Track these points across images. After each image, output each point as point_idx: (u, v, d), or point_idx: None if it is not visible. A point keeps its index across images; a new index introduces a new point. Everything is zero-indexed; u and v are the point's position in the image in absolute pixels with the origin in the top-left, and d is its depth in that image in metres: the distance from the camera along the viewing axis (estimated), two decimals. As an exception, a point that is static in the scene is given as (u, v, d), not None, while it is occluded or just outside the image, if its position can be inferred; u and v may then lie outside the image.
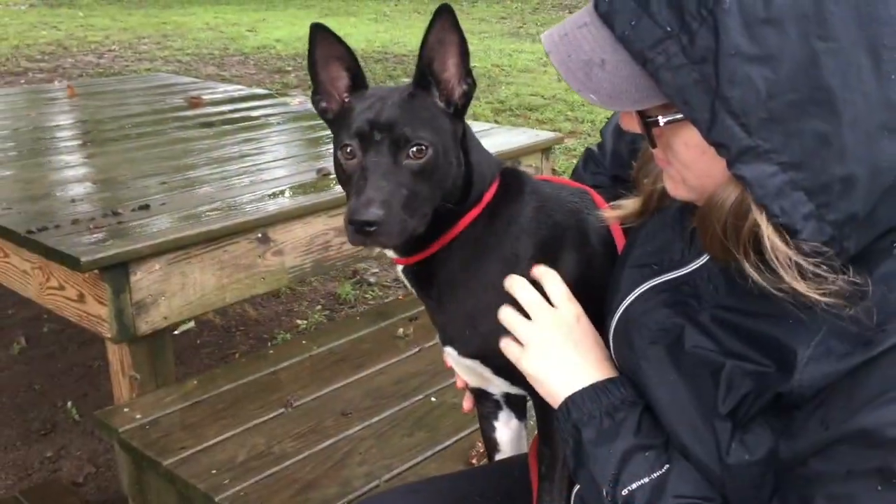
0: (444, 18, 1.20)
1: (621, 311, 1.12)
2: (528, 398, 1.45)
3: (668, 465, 1.01)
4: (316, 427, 2.08)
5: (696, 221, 0.95)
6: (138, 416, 2.12)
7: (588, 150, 1.58)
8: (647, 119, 0.91)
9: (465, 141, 1.30)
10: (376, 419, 2.11)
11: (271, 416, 2.14)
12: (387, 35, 12.50)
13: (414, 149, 1.21)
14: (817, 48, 0.76)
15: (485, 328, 1.32)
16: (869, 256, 0.86)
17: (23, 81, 9.26)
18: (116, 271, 2.07)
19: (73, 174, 2.94)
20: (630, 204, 1.20)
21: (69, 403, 3.12)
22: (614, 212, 1.24)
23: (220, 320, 3.84)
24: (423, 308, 1.43)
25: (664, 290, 1.05)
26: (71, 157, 3.22)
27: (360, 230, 1.16)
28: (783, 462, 0.90)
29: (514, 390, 1.36)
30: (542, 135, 3.57)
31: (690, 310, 1.00)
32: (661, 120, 0.89)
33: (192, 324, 3.65)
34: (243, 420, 2.11)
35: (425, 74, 1.25)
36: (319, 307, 4.00)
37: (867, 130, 0.78)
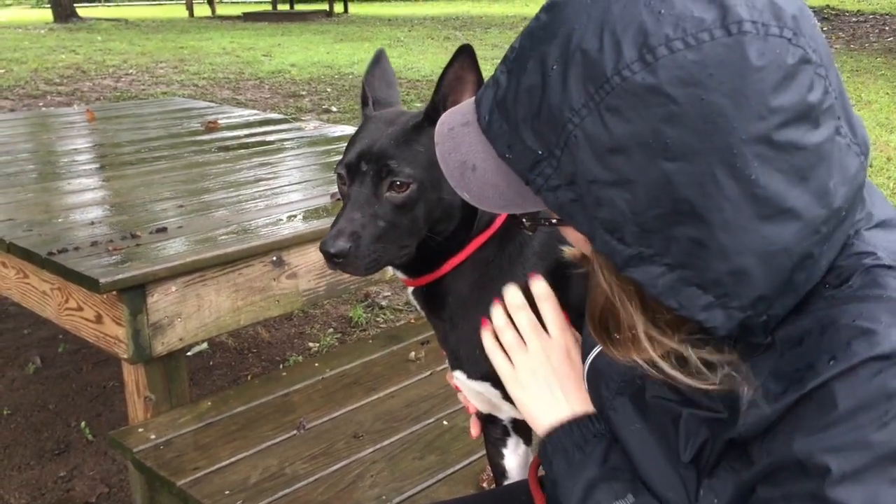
0: (464, 58, 1.24)
1: (589, 360, 1.16)
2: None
3: (632, 497, 1.04)
4: (328, 449, 2.10)
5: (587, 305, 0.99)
6: (152, 437, 2.14)
7: None
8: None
9: None
10: (387, 442, 2.13)
11: (284, 437, 2.16)
12: (400, 60, 12.62)
13: (396, 182, 1.25)
14: (666, 168, 0.77)
15: None
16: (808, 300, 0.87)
17: (41, 104, 9.40)
18: (134, 293, 2.10)
19: (91, 197, 2.99)
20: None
21: (83, 423, 3.14)
22: (574, 250, 1.27)
23: (233, 342, 3.88)
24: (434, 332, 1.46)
25: None
26: (90, 180, 3.27)
27: (329, 259, 1.23)
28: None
29: (522, 416, 1.39)
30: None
31: None
32: (546, 222, 0.95)
33: (205, 345, 3.69)
34: (256, 441, 2.13)
35: (438, 109, 1.27)
36: (331, 330, 4.03)
37: (741, 226, 0.78)
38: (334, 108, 8.92)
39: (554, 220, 0.94)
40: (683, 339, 0.89)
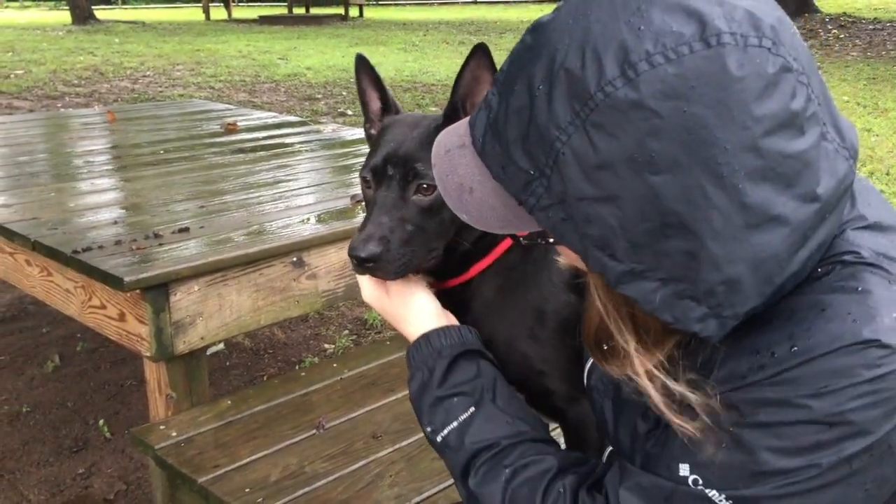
0: (480, 57, 1.24)
1: (589, 364, 1.21)
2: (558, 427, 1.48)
3: (472, 409, 1.16)
4: (347, 449, 2.11)
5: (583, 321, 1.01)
6: (174, 434, 2.16)
7: None
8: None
9: None
10: (406, 442, 2.14)
11: (303, 437, 2.17)
12: (416, 65, 12.66)
13: (423, 185, 1.25)
14: (652, 182, 0.78)
15: (518, 355, 1.36)
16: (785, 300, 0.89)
17: (59, 105, 9.48)
18: (157, 292, 2.13)
19: (113, 197, 3.02)
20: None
21: (101, 421, 3.17)
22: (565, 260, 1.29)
23: (250, 343, 3.90)
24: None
25: None
26: (111, 180, 3.30)
27: (359, 264, 1.23)
28: None
29: (544, 419, 1.40)
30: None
31: None
32: (542, 241, 0.99)
33: (221, 346, 3.71)
34: (276, 440, 2.14)
35: (457, 109, 1.28)
36: (347, 332, 4.05)
37: (731, 235, 0.80)
38: (350, 112, 8.95)
39: (551, 240, 0.96)
40: (669, 365, 0.92)
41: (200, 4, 23.43)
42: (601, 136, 0.79)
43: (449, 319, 1.30)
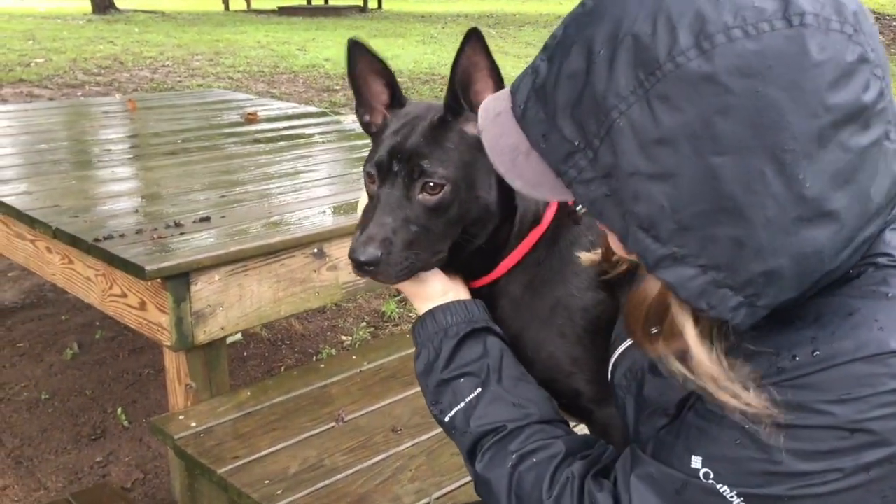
0: (473, 43, 1.16)
1: (614, 359, 1.18)
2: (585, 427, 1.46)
3: (478, 391, 1.14)
4: (366, 442, 2.10)
5: (626, 308, 0.97)
6: (193, 424, 2.15)
7: None
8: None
9: None
10: (426, 437, 2.12)
11: (322, 429, 2.16)
12: (434, 57, 12.63)
13: (430, 183, 1.19)
14: (714, 163, 0.75)
15: (546, 354, 1.33)
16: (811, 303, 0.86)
17: (80, 94, 9.52)
18: (178, 281, 2.12)
19: (134, 185, 3.03)
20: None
21: (119, 410, 3.18)
22: (592, 255, 1.26)
23: (267, 334, 3.90)
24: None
25: None
26: (131, 168, 3.31)
27: (359, 267, 1.17)
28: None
29: (570, 420, 1.37)
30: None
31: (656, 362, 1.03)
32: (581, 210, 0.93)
33: (239, 336, 3.71)
34: (295, 432, 2.13)
35: (458, 99, 1.22)
36: (364, 324, 4.03)
37: (782, 227, 0.77)
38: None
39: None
40: (720, 345, 0.88)
41: (220, -5, 23.47)
42: (665, 109, 0.75)
43: (457, 293, 1.27)
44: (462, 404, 1.14)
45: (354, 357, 2.55)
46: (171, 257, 2.13)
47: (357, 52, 1.29)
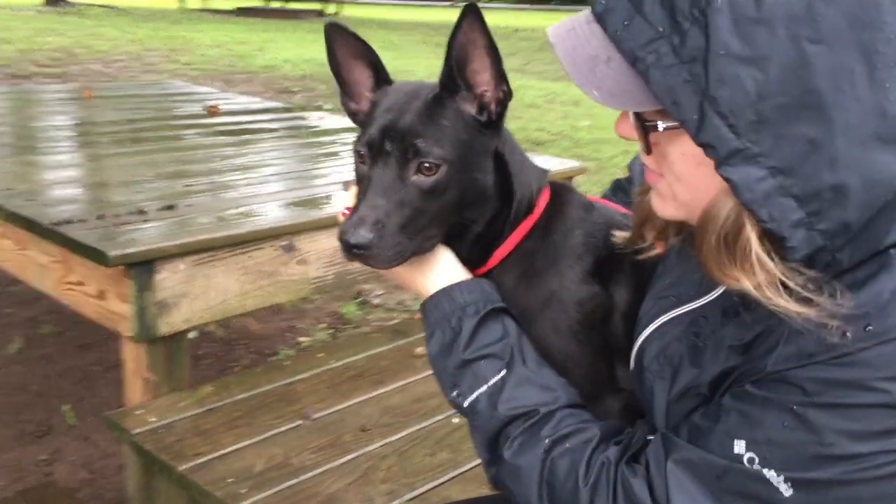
0: (472, 18, 1.09)
1: (640, 341, 1.13)
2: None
3: (503, 373, 1.09)
4: (335, 441, 2.03)
5: (695, 238, 0.93)
6: (152, 420, 2.05)
7: (617, 180, 1.57)
8: (645, 123, 0.89)
9: (505, 151, 1.22)
10: (397, 437, 2.06)
11: (289, 427, 2.08)
12: (396, 62, 12.54)
13: (425, 164, 1.13)
14: (808, 50, 0.75)
15: (538, 348, 1.27)
16: (863, 271, 0.84)
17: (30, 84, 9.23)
18: (142, 269, 2.02)
19: (94, 171, 2.91)
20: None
21: (65, 407, 3.04)
22: (623, 233, 1.22)
23: (222, 332, 3.78)
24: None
25: (678, 324, 1.05)
26: (90, 154, 3.18)
27: (348, 251, 1.10)
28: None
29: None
30: (568, 163, 3.55)
31: (696, 343, 1.00)
32: (661, 125, 0.88)
33: (193, 332, 3.59)
34: (260, 430, 2.05)
35: (454, 77, 1.16)
36: (324, 325, 3.95)
37: (860, 138, 0.76)
38: (328, 106, 8.84)
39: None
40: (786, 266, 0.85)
41: (176, -8, 23.10)
42: None
43: (466, 272, 1.21)
44: (484, 387, 1.08)
45: (321, 355, 2.48)
46: (134, 244, 2.04)
47: (336, 35, 1.22)
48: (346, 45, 1.24)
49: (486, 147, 1.20)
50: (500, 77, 1.15)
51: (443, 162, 1.13)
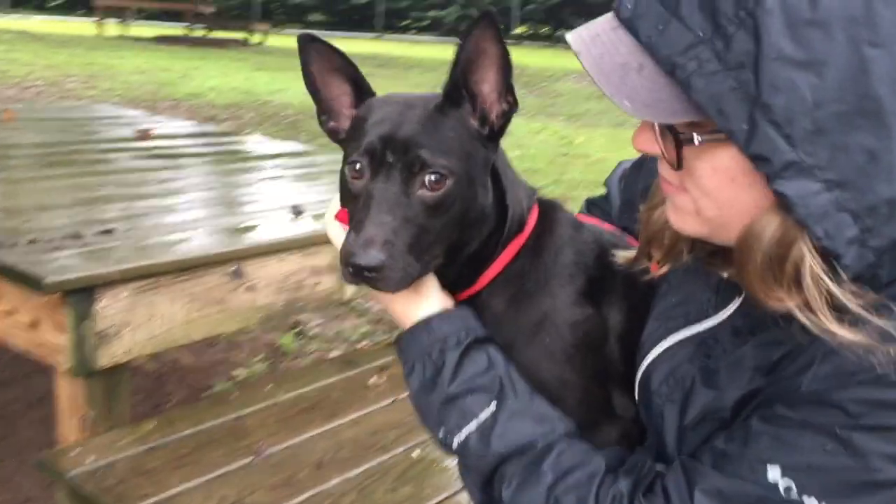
0: (486, 26, 1.04)
1: (646, 364, 1.07)
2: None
3: (493, 407, 1.02)
4: (290, 479, 1.91)
5: (734, 257, 0.89)
6: (91, 459, 1.90)
7: (588, 200, 1.52)
8: (678, 135, 0.84)
9: (499, 167, 1.16)
10: (355, 472, 1.96)
11: (239, 464, 1.96)
12: (322, 93, 12.46)
13: (432, 177, 1.05)
14: (867, 54, 0.72)
15: (531, 376, 1.19)
16: None
17: (-63, 108, 8.78)
18: (81, 296, 1.88)
19: (23, 194, 2.72)
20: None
21: (-20, 450, 2.83)
22: (627, 253, 1.17)
23: (153, 366, 3.60)
24: (394, 357, 1.22)
25: (688, 345, 1.01)
26: (15, 177, 2.99)
27: (357, 273, 1.01)
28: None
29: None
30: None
31: (708, 365, 0.96)
32: (697, 138, 0.82)
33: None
34: (208, 468, 1.92)
35: (458, 87, 1.09)
36: (260, 357, 3.80)
37: None
38: (257, 134, 8.68)
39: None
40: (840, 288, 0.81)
41: (94, 20, 22.49)
42: None
43: (449, 300, 1.14)
44: (474, 423, 1.01)
45: (270, 386, 2.35)
46: (72, 269, 1.89)
47: (311, 48, 1.14)
48: (321, 58, 1.16)
49: (487, 161, 1.14)
50: (507, 88, 1.09)
51: (450, 174, 1.05)
